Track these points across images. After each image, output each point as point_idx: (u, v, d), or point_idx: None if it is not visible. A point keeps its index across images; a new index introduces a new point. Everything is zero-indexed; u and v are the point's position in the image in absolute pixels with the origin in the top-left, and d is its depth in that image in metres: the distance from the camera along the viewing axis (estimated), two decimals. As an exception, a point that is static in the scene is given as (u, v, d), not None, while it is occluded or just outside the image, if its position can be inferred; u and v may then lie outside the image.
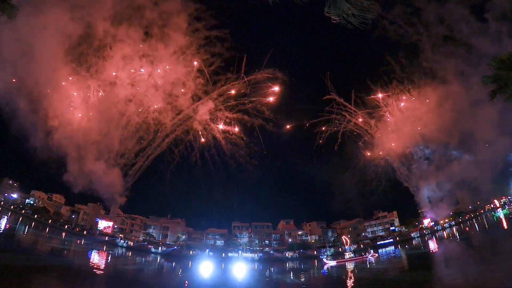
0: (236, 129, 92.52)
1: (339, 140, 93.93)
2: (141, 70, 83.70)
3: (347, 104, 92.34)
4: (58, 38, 69.77)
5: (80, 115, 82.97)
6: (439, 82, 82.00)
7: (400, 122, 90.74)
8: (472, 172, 79.97)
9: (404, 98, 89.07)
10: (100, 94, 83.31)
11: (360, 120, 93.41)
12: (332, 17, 7.06)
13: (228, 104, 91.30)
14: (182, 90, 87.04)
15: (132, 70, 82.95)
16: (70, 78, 79.57)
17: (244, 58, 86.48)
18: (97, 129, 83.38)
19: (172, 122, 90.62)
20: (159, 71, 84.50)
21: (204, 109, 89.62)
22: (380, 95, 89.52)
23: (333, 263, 62.95)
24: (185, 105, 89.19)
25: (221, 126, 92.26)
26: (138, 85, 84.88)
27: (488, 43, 69.05)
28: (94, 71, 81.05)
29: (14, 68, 67.43)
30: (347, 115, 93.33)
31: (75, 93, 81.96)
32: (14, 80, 69.70)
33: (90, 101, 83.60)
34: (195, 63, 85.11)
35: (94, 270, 40.14)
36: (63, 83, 78.95)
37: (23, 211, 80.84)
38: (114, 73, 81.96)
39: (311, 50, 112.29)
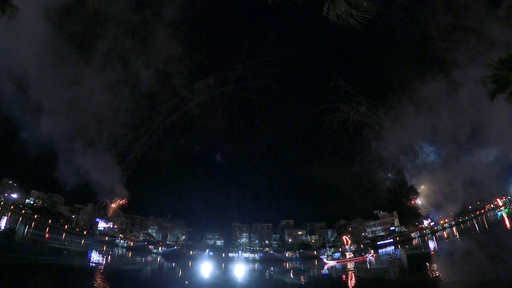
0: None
1: (350, 128, 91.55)
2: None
3: (354, 91, 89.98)
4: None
5: None
6: (452, 67, 79.45)
7: (409, 112, 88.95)
8: (479, 170, 78.52)
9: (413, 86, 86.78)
10: None
11: (367, 108, 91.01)
12: (330, 17, 7.08)
13: (226, 89, 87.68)
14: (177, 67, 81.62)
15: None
16: None
17: (246, 40, 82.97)
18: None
19: (168, 104, 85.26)
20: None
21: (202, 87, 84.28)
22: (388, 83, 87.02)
23: (333, 263, 62.93)
24: (180, 85, 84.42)
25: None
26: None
27: (500, 30, 66.71)
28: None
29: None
30: (354, 103, 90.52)
31: None
32: None
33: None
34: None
35: (94, 270, 40.11)
36: None
37: (23, 211, 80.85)
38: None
39: (316, 37, 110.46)
